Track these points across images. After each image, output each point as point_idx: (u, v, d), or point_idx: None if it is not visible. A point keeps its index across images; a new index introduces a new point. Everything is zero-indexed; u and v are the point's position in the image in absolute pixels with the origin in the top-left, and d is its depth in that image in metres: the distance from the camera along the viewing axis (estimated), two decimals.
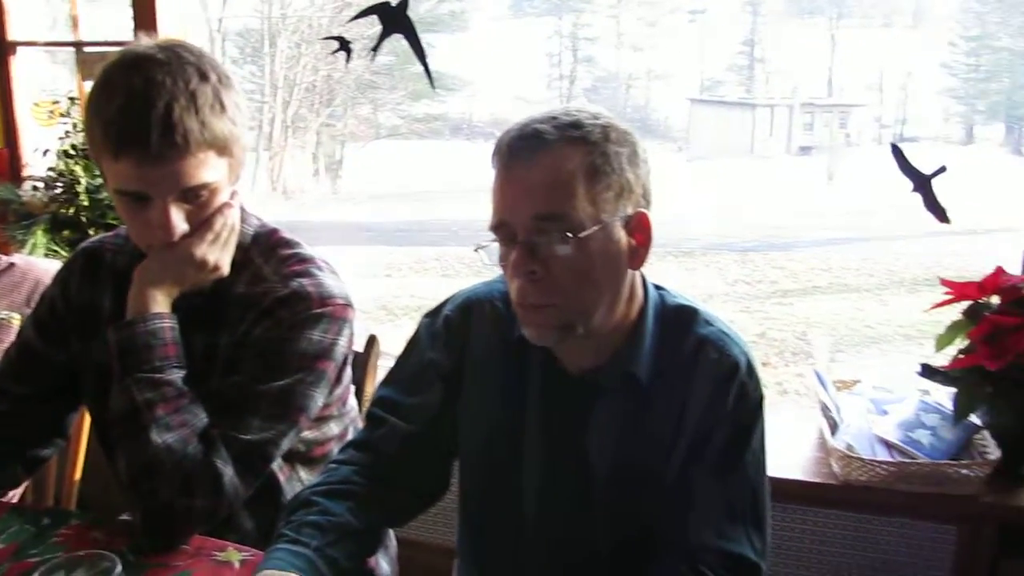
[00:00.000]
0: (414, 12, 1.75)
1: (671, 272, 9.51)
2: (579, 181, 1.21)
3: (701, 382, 1.33)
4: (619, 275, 1.29)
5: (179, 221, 1.37)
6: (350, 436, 1.62)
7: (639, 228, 1.28)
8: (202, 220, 1.40)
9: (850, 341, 7.75)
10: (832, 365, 2.27)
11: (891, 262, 10.21)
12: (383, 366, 2.13)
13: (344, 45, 1.88)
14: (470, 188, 11.80)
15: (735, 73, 18.18)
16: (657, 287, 1.40)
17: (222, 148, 1.36)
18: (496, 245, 1.28)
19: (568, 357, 1.36)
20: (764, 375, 1.39)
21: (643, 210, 1.28)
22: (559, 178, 1.21)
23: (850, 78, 17.55)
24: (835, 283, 9.68)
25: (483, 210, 1.29)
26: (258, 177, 12.47)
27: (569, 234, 1.20)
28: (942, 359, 2.07)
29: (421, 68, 1.85)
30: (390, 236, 11.53)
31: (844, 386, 2.31)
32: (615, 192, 1.24)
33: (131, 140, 1.29)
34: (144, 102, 1.29)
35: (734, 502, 1.33)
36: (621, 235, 1.26)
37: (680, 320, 1.37)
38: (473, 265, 8.83)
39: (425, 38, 1.81)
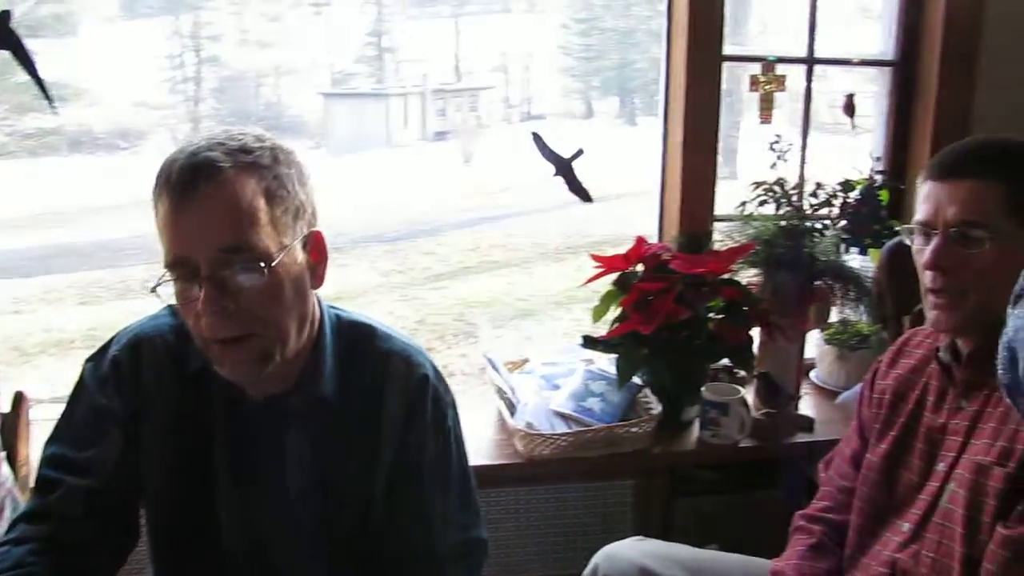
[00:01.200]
0: None
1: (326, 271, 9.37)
2: (260, 208, 1.17)
3: (394, 396, 1.35)
4: (306, 297, 1.27)
5: None
6: (8, 511, 1.45)
7: (316, 246, 1.27)
8: None
9: (506, 315, 8.08)
10: (496, 342, 2.36)
11: (533, 235, 10.75)
12: (35, 418, 1.94)
13: None
14: (101, 206, 10.96)
15: (365, 64, 18.27)
16: (330, 305, 1.40)
17: None
18: (173, 283, 1.20)
19: (252, 385, 1.30)
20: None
21: (317, 228, 1.27)
22: (240, 207, 1.15)
23: (476, 63, 18.27)
24: (484, 261, 10.01)
25: (118, 228, 1.20)
26: None
27: (262, 264, 1.16)
28: (603, 328, 2.21)
29: (23, 77, 1.70)
30: (13, 267, 10.44)
31: (515, 367, 2.40)
32: (292, 214, 1.21)
33: None
34: None
35: (461, 495, 1.42)
36: (302, 256, 1.24)
37: (358, 337, 1.38)
38: (113, 288, 8.19)
39: (27, 44, 1.67)
